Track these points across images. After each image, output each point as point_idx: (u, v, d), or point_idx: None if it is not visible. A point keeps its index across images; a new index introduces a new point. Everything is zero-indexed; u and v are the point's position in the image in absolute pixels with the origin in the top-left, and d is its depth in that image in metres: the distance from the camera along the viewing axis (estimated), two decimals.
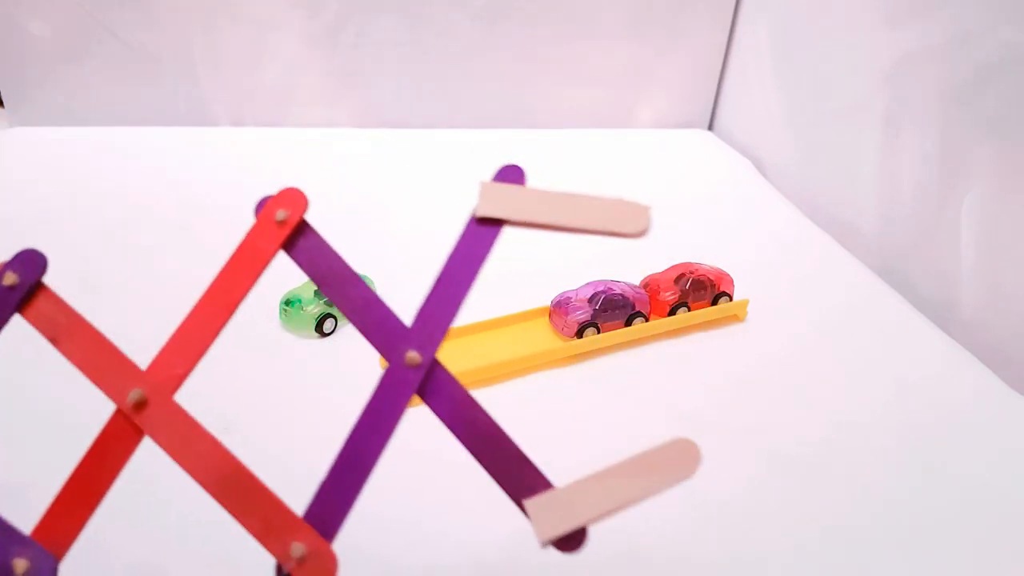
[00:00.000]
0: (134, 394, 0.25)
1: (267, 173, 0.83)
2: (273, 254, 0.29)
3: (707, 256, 0.64)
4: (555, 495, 0.27)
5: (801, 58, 0.91)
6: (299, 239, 0.29)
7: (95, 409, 0.27)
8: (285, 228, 0.29)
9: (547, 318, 0.58)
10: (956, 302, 0.66)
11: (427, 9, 0.95)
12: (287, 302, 0.56)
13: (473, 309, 0.55)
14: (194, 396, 0.31)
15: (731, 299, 0.61)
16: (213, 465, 0.25)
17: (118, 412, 0.26)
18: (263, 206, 0.29)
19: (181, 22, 0.91)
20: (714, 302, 0.61)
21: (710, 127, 1.12)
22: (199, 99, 0.96)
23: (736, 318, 0.62)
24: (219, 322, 0.27)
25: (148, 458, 0.27)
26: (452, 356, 0.53)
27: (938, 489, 0.46)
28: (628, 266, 0.62)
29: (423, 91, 1.01)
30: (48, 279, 0.33)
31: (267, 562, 0.25)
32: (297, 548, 0.24)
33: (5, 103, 0.92)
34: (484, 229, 0.29)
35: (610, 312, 0.56)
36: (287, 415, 0.47)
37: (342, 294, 0.29)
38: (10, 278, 0.26)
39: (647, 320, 0.58)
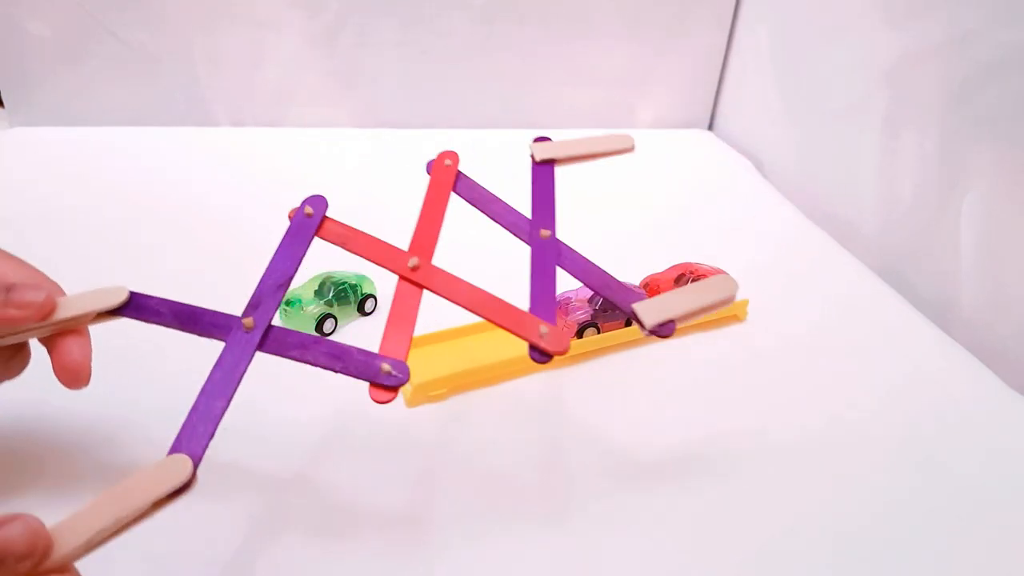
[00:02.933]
0: (412, 260, 0.37)
1: (267, 173, 0.83)
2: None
3: (707, 256, 0.64)
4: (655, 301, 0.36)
5: (801, 58, 0.91)
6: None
7: None
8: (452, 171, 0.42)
9: None
10: (956, 302, 0.66)
11: (427, 9, 0.95)
12: (287, 302, 0.56)
13: None
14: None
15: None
16: (470, 296, 0.36)
17: (401, 278, 0.37)
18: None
19: (181, 22, 0.91)
20: None
21: (710, 127, 1.12)
22: (199, 99, 0.96)
23: (736, 318, 0.62)
24: (438, 222, 0.40)
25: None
26: (452, 356, 0.53)
27: (937, 489, 0.46)
28: (628, 266, 0.62)
29: (423, 91, 1.01)
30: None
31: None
32: (544, 328, 0.35)
33: (5, 103, 0.92)
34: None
35: (610, 312, 0.56)
36: (286, 415, 0.47)
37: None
38: (309, 210, 0.38)
39: None
